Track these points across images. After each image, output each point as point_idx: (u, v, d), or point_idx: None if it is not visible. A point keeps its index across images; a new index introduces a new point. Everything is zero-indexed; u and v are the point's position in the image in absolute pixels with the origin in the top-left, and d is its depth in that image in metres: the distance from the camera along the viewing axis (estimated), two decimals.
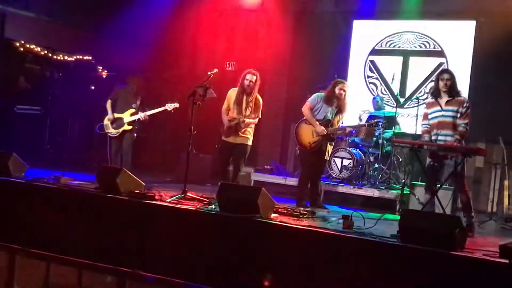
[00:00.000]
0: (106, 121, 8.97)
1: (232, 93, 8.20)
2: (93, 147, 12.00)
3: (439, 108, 6.93)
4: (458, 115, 6.85)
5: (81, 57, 12.42)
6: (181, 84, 10.53)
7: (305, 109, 8.15)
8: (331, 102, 8.05)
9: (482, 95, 9.85)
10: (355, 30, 11.37)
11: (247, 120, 8.04)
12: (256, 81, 8.05)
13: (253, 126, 8.22)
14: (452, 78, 6.91)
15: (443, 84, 6.89)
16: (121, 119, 8.92)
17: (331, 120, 8.05)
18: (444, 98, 6.93)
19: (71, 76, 12.42)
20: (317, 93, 8.25)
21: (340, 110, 8.11)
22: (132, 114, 8.92)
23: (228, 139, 8.17)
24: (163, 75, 11.94)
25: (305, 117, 8.17)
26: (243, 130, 8.09)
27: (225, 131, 8.16)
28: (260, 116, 8.25)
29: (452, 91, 6.90)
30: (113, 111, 9.00)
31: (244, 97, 8.09)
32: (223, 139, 8.26)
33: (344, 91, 8.01)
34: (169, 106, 8.83)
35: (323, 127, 7.97)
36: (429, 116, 7.05)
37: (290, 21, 11.49)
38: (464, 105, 6.86)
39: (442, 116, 6.89)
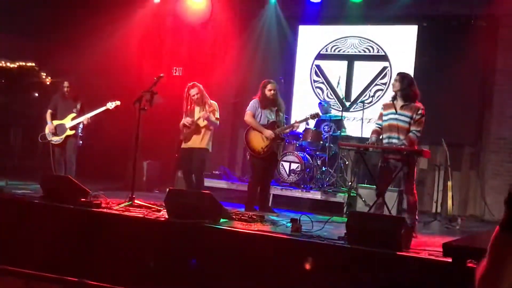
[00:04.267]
0: (47, 130, 8.76)
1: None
2: (37, 155, 11.73)
3: (393, 111, 6.90)
4: (412, 121, 6.82)
5: (24, 63, 12.15)
6: (128, 90, 10.39)
7: (248, 118, 8.17)
8: (266, 105, 8.13)
9: (425, 99, 9.97)
10: (301, 35, 11.47)
11: (207, 114, 8.01)
12: (200, 91, 8.12)
13: (211, 130, 8.19)
14: (400, 79, 6.88)
15: (392, 86, 6.96)
16: (62, 125, 8.68)
17: (275, 121, 8.14)
18: (400, 102, 6.90)
19: (14, 83, 12.14)
20: (254, 100, 8.26)
21: (278, 109, 8.21)
22: (73, 119, 8.71)
23: (187, 144, 8.16)
24: (109, 81, 11.78)
25: (250, 126, 8.20)
26: (201, 134, 8.09)
27: (185, 136, 8.15)
28: (219, 118, 8.22)
29: (406, 95, 6.86)
30: (54, 119, 8.78)
31: (197, 108, 8.15)
32: (182, 147, 8.24)
33: (274, 90, 8.09)
34: (111, 105, 8.60)
35: (270, 131, 8.02)
36: (384, 118, 7.00)
37: (236, 26, 11.52)
38: (418, 112, 6.82)
39: (396, 119, 6.85)
